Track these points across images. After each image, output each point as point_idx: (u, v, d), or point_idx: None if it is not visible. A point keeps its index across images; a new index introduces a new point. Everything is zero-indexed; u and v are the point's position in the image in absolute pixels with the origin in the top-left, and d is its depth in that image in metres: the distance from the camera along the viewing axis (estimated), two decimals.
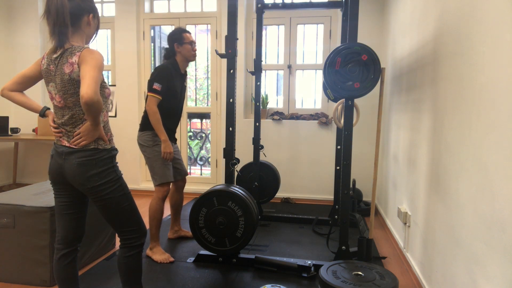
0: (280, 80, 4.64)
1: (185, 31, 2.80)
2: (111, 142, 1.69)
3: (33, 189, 2.68)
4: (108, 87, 1.68)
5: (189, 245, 2.98)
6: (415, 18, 2.67)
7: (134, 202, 1.73)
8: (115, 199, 1.64)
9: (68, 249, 1.73)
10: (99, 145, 1.61)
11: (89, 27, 1.65)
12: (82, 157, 1.58)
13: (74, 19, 1.58)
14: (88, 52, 1.52)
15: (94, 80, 1.44)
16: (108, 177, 1.62)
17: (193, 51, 2.81)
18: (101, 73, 1.53)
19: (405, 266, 2.65)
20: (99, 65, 1.50)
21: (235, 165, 2.76)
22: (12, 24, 4.91)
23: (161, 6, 4.79)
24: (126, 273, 1.74)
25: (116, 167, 1.69)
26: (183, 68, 2.85)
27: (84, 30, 1.63)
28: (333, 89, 2.37)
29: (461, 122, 1.72)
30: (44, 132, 4.49)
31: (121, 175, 1.70)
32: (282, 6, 3.45)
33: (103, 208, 1.66)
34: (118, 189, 1.65)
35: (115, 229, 1.72)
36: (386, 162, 3.63)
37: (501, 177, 1.32)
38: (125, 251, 1.72)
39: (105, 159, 1.63)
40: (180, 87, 2.83)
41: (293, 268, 2.49)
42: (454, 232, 1.76)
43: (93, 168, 1.59)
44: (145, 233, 1.77)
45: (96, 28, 1.70)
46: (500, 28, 1.37)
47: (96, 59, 1.50)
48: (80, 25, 1.61)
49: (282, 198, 4.41)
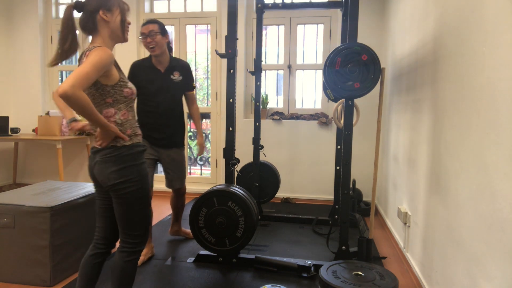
0: (280, 80, 4.64)
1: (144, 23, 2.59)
2: (132, 139, 1.65)
3: (33, 189, 2.68)
4: (129, 87, 1.65)
5: (189, 245, 2.98)
6: (415, 18, 2.67)
7: (147, 207, 1.70)
8: (130, 200, 1.63)
9: (106, 249, 1.76)
10: (118, 142, 1.60)
11: (108, 23, 1.60)
12: (103, 155, 1.60)
13: (89, 25, 1.59)
14: (94, 50, 1.49)
15: (78, 75, 1.38)
16: (128, 176, 1.60)
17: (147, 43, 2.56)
18: (98, 70, 1.45)
19: (405, 266, 2.65)
20: (96, 62, 1.44)
21: (235, 165, 2.76)
22: (12, 24, 4.91)
23: (161, 6, 4.79)
24: (119, 277, 1.69)
25: (139, 166, 1.65)
26: (157, 64, 2.65)
27: (104, 29, 1.61)
28: (333, 89, 2.37)
29: (461, 122, 1.72)
30: (44, 132, 4.49)
31: (144, 174, 1.66)
32: (282, 6, 3.45)
33: (117, 206, 1.64)
34: (136, 191, 1.63)
35: (120, 230, 1.69)
36: (386, 162, 3.63)
37: (501, 177, 1.32)
38: (124, 255, 1.68)
39: (125, 156, 1.61)
40: (158, 83, 2.62)
41: (293, 268, 2.49)
42: (454, 232, 1.76)
43: (112, 165, 1.59)
44: (146, 240, 1.75)
45: (121, 20, 1.63)
46: (500, 28, 1.37)
47: (97, 55, 1.46)
48: (97, 27, 1.60)
49: (282, 198, 4.41)
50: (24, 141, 4.90)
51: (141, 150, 1.69)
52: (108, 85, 1.57)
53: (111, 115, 1.60)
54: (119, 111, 1.62)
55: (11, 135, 4.57)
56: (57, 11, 5.02)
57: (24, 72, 4.94)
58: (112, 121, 1.60)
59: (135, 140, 1.67)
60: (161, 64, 2.66)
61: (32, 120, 4.88)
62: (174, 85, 2.71)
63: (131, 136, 1.65)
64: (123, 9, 1.65)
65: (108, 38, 1.62)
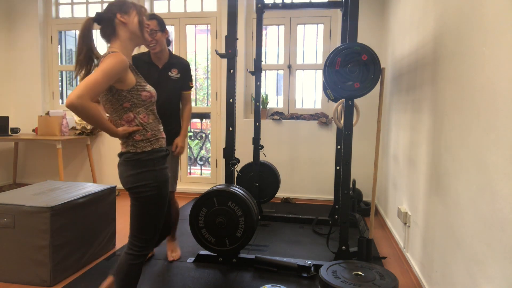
0: (280, 80, 4.64)
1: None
2: (153, 143, 1.64)
3: (33, 189, 2.68)
4: (148, 90, 1.64)
5: (189, 245, 2.98)
6: (415, 18, 2.67)
7: (162, 213, 1.70)
8: (145, 204, 1.63)
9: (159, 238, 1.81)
10: (137, 148, 1.61)
11: (126, 25, 1.61)
12: (123, 159, 1.64)
13: (108, 31, 1.61)
14: (107, 58, 1.50)
15: (86, 85, 1.40)
16: (145, 181, 1.60)
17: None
18: (109, 78, 1.46)
19: (405, 266, 2.64)
20: (107, 70, 1.46)
21: (235, 165, 2.76)
22: (12, 24, 4.91)
23: (161, 6, 4.79)
24: (123, 279, 1.68)
25: (159, 171, 1.64)
26: (156, 59, 2.60)
27: (123, 32, 1.62)
28: (333, 89, 2.37)
29: (461, 122, 1.72)
30: (44, 132, 4.49)
31: (163, 179, 1.66)
32: (282, 6, 3.45)
33: (132, 207, 1.66)
34: (152, 196, 1.63)
35: (130, 232, 1.70)
36: (386, 162, 3.63)
37: (501, 177, 1.32)
38: (129, 258, 1.68)
39: (144, 161, 1.61)
40: (154, 79, 2.54)
41: (293, 268, 2.49)
42: (454, 232, 1.75)
43: (131, 169, 1.61)
44: (153, 245, 1.75)
45: (138, 21, 1.63)
46: (500, 28, 1.37)
47: (109, 63, 1.47)
48: (116, 31, 1.61)
49: (282, 198, 4.41)
50: (24, 141, 4.90)
51: (162, 155, 1.68)
52: (123, 90, 1.57)
53: (131, 120, 1.61)
54: (138, 115, 1.62)
55: (11, 135, 4.57)
56: (57, 11, 5.02)
57: (24, 72, 4.94)
58: (134, 125, 1.62)
59: (155, 145, 1.66)
60: (159, 60, 2.62)
61: (32, 120, 4.88)
62: (171, 82, 2.64)
63: (151, 140, 1.65)
64: (140, 10, 1.67)
65: (128, 41, 1.63)
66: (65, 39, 5.15)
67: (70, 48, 5.22)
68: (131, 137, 1.62)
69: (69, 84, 5.28)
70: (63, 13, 5.03)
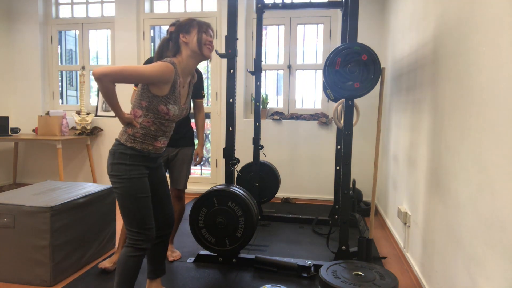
0: (280, 80, 4.64)
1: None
2: (135, 143, 1.73)
3: (33, 189, 2.68)
4: (168, 108, 1.74)
5: (189, 245, 2.98)
6: (415, 18, 2.67)
7: (143, 207, 1.74)
8: (119, 195, 1.73)
9: (158, 239, 1.96)
10: (121, 139, 1.75)
11: (187, 44, 1.77)
12: (112, 146, 1.78)
13: (175, 48, 1.79)
14: (159, 62, 1.68)
15: (119, 69, 1.56)
16: (117, 172, 1.71)
17: None
18: (142, 78, 1.62)
19: (405, 266, 2.64)
20: (146, 71, 1.61)
21: (235, 165, 2.76)
22: (12, 24, 4.91)
23: (161, 6, 4.79)
24: (121, 273, 1.75)
25: (130, 166, 1.72)
26: None
27: (184, 50, 1.78)
28: (333, 89, 2.37)
29: (461, 122, 1.72)
30: (44, 132, 4.49)
31: (134, 177, 1.72)
32: (282, 6, 3.45)
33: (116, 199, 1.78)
34: (124, 188, 1.71)
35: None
36: (386, 162, 3.63)
37: (501, 177, 1.32)
38: (129, 250, 1.76)
39: (119, 154, 1.72)
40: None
41: (293, 268, 2.49)
42: (454, 232, 1.76)
43: (110, 158, 1.75)
44: (150, 239, 1.79)
45: (197, 39, 1.76)
46: (500, 28, 1.37)
47: (154, 66, 1.64)
48: (180, 49, 1.79)
49: (282, 198, 4.41)
50: (24, 141, 4.90)
51: (139, 155, 1.74)
52: (150, 92, 1.71)
53: (138, 116, 1.75)
54: (145, 117, 1.74)
55: (11, 135, 4.57)
56: (57, 11, 5.02)
57: (24, 72, 4.94)
58: (137, 121, 1.75)
59: (137, 145, 1.75)
60: None
61: (32, 120, 4.88)
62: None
63: (136, 139, 1.74)
64: (201, 29, 1.79)
65: (189, 58, 1.79)
66: (65, 39, 5.15)
67: (70, 48, 5.22)
68: (127, 127, 1.75)
69: (69, 84, 5.29)
70: (63, 13, 5.03)
